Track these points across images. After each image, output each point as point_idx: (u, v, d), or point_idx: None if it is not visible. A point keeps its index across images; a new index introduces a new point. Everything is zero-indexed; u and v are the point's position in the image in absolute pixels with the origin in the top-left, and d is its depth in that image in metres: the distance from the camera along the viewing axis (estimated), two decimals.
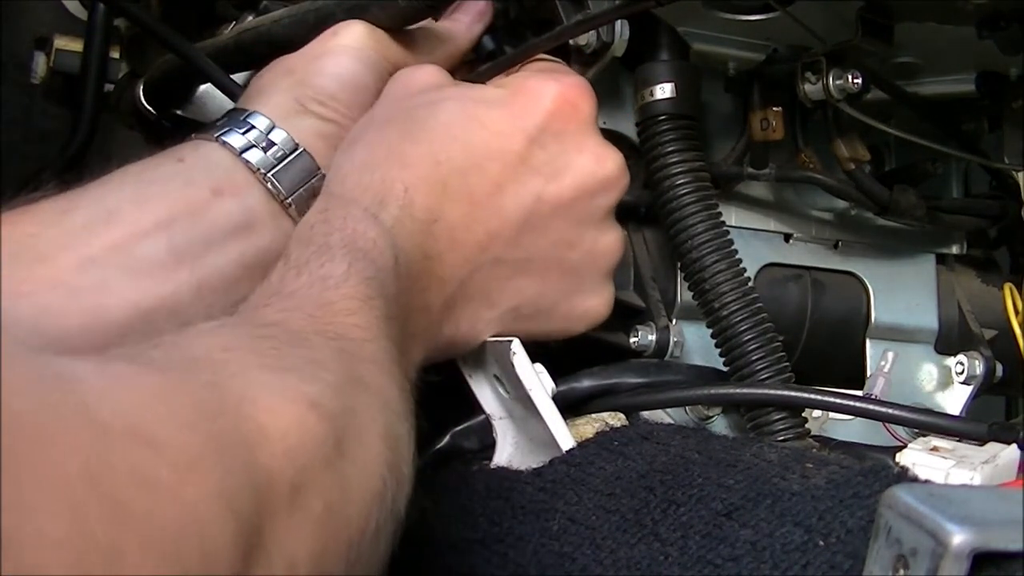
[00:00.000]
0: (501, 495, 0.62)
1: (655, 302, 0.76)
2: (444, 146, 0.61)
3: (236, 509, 0.36)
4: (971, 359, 0.85)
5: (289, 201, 0.62)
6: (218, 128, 0.64)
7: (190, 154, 0.63)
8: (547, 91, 0.64)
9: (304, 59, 0.67)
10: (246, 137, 0.63)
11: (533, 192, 0.62)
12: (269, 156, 0.63)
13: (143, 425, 0.35)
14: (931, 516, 0.38)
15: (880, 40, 0.71)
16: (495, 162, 0.61)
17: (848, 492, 0.49)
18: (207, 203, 0.61)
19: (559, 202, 0.63)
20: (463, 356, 0.66)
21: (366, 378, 0.48)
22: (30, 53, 0.92)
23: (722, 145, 0.81)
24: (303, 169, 0.63)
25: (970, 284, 0.89)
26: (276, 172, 0.62)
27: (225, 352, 0.43)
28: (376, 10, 0.68)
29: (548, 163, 0.63)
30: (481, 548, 0.61)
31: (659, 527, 0.53)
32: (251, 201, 0.62)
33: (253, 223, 0.62)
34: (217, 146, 0.63)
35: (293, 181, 0.63)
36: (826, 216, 0.84)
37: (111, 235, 0.58)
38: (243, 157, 0.62)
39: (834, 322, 0.83)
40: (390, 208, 0.58)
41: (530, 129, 0.62)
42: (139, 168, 0.62)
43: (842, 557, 0.46)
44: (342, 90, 0.66)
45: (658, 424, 0.68)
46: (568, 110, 0.64)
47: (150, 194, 0.60)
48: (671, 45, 0.74)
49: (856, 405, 0.68)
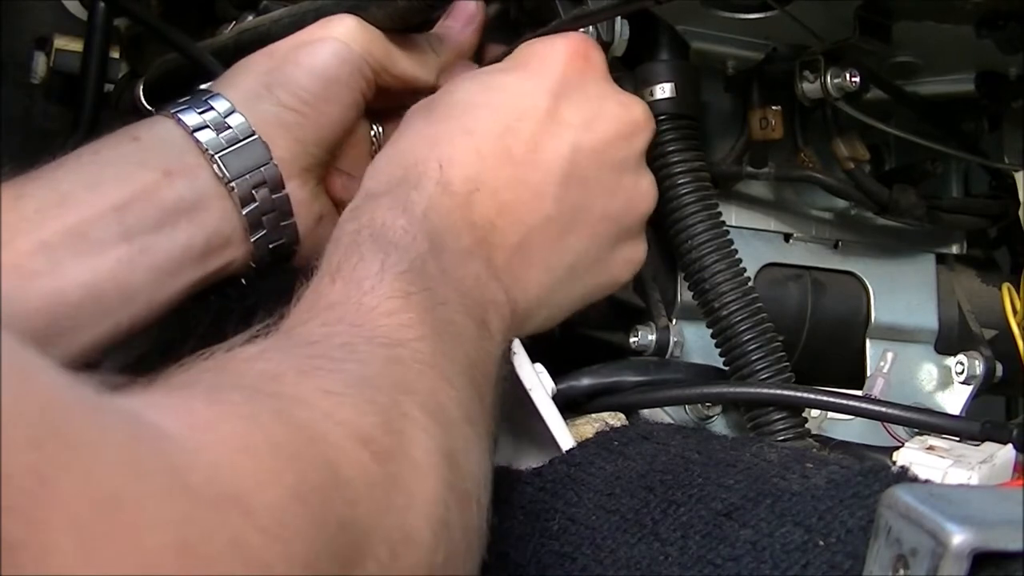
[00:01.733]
0: (501, 495, 0.62)
1: (655, 302, 0.76)
2: (471, 115, 0.61)
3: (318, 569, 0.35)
4: (971, 359, 0.85)
5: (232, 185, 0.63)
6: (177, 105, 0.64)
7: (145, 132, 0.64)
8: (556, 48, 0.64)
9: (285, 46, 0.67)
10: (202, 117, 0.63)
11: (570, 143, 0.62)
12: (221, 138, 0.63)
13: (233, 488, 0.34)
14: (931, 516, 0.38)
15: (878, 39, 0.71)
16: (525, 121, 0.61)
17: (848, 492, 0.49)
18: (158, 184, 0.61)
19: (596, 149, 0.63)
20: None
21: (418, 387, 0.47)
22: (30, 53, 0.92)
23: (721, 144, 0.81)
24: (253, 156, 0.64)
25: (970, 284, 0.89)
26: (225, 155, 0.63)
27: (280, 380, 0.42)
28: (375, 9, 0.68)
29: (577, 114, 0.63)
30: None
31: (659, 527, 0.53)
32: (200, 183, 0.62)
33: (202, 204, 0.62)
34: (172, 124, 0.63)
35: (240, 166, 0.63)
36: (826, 216, 0.84)
37: (65, 219, 0.59)
38: (194, 136, 0.63)
39: (834, 322, 0.83)
40: (426, 188, 0.58)
41: (551, 85, 0.63)
42: (94, 148, 0.63)
43: (842, 557, 0.46)
44: (312, 81, 0.66)
45: (658, 424, 0.68)
46: (581, 63, 0.64)
47: (104, 177, 0.61)
48: (671, 45, 0.74)
49: (855, 405, 0.68)
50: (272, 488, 0.35)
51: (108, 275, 0.59)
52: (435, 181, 0.58)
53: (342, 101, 0.67)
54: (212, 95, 0.65)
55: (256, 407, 0.39)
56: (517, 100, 0.62)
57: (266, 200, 0.64)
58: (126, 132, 0.64)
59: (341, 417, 0.41)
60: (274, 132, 0.65)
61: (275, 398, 0.41)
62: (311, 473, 0.37)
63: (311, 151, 0.66)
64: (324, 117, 0.66)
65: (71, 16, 0.92)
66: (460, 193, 0.59)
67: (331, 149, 0.68)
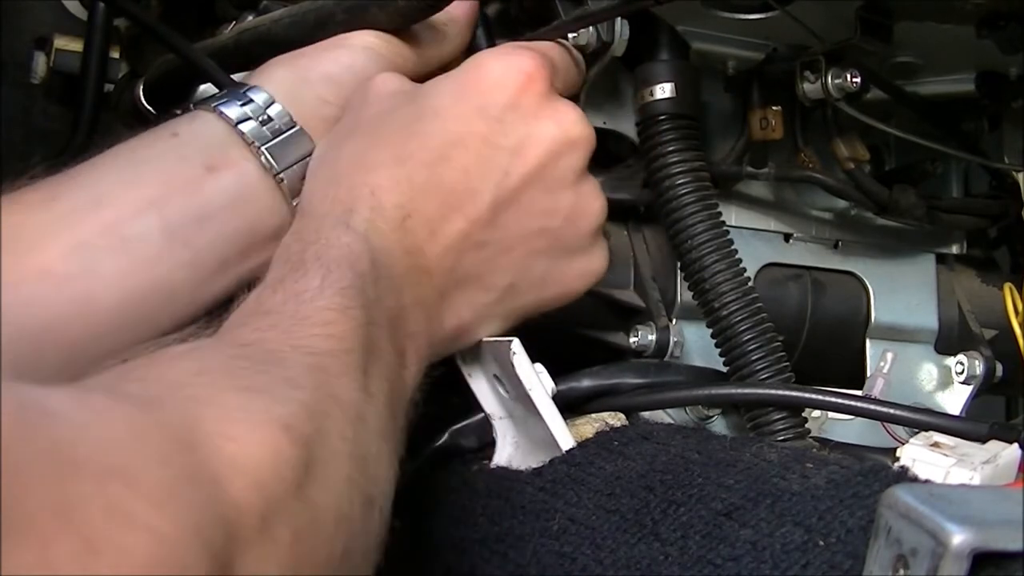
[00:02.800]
0: (501, 495, 0.62)
1: (655, 302, 0.76)
2: (405, 144, 0.61)
3: (209, 543, 0.36)
4: (971, 359, 0.85)
5: (281, 176, 0.62)
6: (217, 99, 0.63)
7: (185, 128, 0.63)
8: (496, 68, 0.63)
9: (315, 49, 0.67)
10: (243, 109, 0.63)
11: (500, 168, 0.62)
12: (265, 130, 0.62)
13: (118, 461, 0.35)
14: (931, 516, 0.38)
15: (879, 39, 0.71)
16: (457, 148, 0.61)
17: (848, 492, 0.49)
18: (201, 179, 0.60)
19: (528, 173, 0.62)
20: (462, 355, 0.66)
21: (340, 394, 0.47)
22: (30, 53, 0.91)
23: (722, 144, 0.81)
24: (299, 146, 0.63)
25: (970, 284, 0.89)
26: (271, 146, 0.62)
27: (199, 376, 0.43)
28: (375, 10, 0.68)
29: (509, 137, 0.62)
30: (481, 548, 0.61)
31: (659, 527, 0.53)
32: (246, 175, 0.61)
33: (248, 198, 0.61)
34: (213, 117, 0.62)
35: (287, 156, 0.62)
36: (826, 216, 0.84)
37: (101, 218, 0.57)
38: (238, 128, 0.62)
39: (834, 322, 0.83)
40: (360, 212, 0.58)
41: (486, 108, 0.62)
42: (131, 146, 0.62)
43: (842, 557, 0.46)
44: (348, 76, 0.65)
45: (658, 424, 0.68)
46: (521, 80, 0.63)
47: (141, 173, 0.60)
48: (671, 45, 0.74)
49: (855, 405, 0.68)
50: (161, 468, 0.36)
51: (147, 275, 0.58)
52: (368, 207, 0.58)
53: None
54: (250, 88, 0.64)
55: (163, 404, 0.40)
56: (450, 126, 0.61)
57: None
58: (164, 128, 0.63)
59: (256, 408, 0.42)
60: (315, 124, 0.64)
61: (184, 390, 0.41)
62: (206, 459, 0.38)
63: None
64: None
65: (71, 16, 0.92)
66: (394, 219, 0.59)
67: None
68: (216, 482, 0.38)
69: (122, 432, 0.37)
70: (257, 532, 0.39)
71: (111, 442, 0.36)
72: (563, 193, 0.64)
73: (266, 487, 0.39)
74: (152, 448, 0.37)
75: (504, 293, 0.63)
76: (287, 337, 0.48)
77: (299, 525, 0.41)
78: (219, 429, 0.40)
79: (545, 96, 0.63)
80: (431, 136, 0.61)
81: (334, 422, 0.45)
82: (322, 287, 0.52)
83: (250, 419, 0.41)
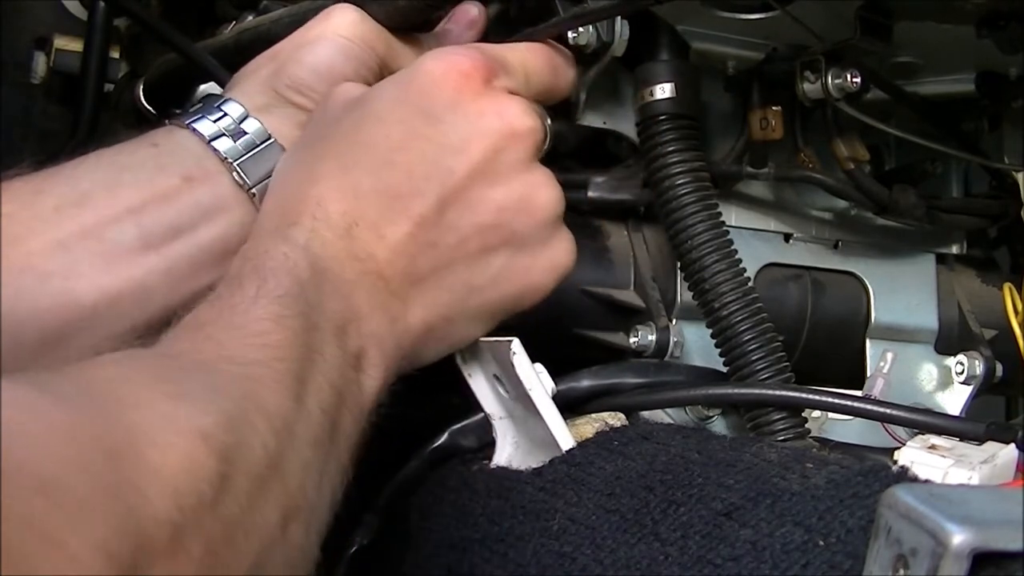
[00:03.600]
0: (501, 495, 0.62)
1: (655, 302, 0.76)
2: (349, 152, 0.61)
3: (116, 557, 0.36)
4: (971, 359, 0.85)
5: (254, 191, 0.64)
6: (191, 115, 0.65)
7: (163, 139, 0.64)
8: (434, 68, 0.63)
9: (289, 45, 0.68)
10: (217, 125, 0.64)
11: (445, 168, 0.61)
12: (238, 145, 0.64)
13: (43, 470, 0.36)
14: (931, 516, 0.38)
15: (879, 39, 0.71)
16: (401, 152, 0.61)
17: (848, 492, 0.49)
18: (177, 190, 0.62)
19: (472, 169, 0.62)
20: (462, 355, 0.67)
21: (267, 404, 0.47)
22: (30, 53, 0.92)
23: (721, 144, 0.81)
24: (271, 159, 0.64)
25: (970, 284, 0.89)
26: (243, 161, 0.64)
27: (127, 383, 0.43)
28: (375, 8, 0.68)
29: (451, 136, 0.62)
30: (481, 548, 0.61)
31: (659, 527, 0.53)
32: (220, 188, 0.63)
33: (222, 210, 0.63)
34: (189, 132, 0.64)
35: (260, 170, 0.64)
36: (826, 216, 0.84)
37: (82, 219, 0.60)
38: (212, 145, 0.64)
39: (834, 322, 0.83)
40: (304, 224, 0.58)
41: (427, 109, 0.62)
42: (113, 152, 0.63)
43: (842, 557, 0.46)
44: (319, 81, 0.66)
45: (658, 424, 0.68)
46: (459, 79, 0.62)
47: (122, 180, 0.62)
48: (671, 45, 0.74)
49: (855, 405, 0.68)
50: (85, 477, 0.37)
51: (124, 278, 0.60)
52: (312, 216, 0.59)
53: None
54: (224, 100, 0.66)
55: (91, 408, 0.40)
56: (393, 131, 0.61)
57: None
58: (145, 139, 0.65)
59: (179, 415, 0.42)
60: (291, 134, 0.66)
61: (114, 394, 0.42)
62: (126, 467, 0.38)
63: None
64: None
65: (71, 16, 0.92)
66: (340, 226, 0.59)
67: None
68: (137, 491, 0.38)
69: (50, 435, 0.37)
70: (169, 544, 0.39)
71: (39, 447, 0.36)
72: (511, 185, 0.63)
73: (182, 498, 0.40)
74: (76, 454, 0.37)
75: (465, 291, 0.63)
76: (219, 348, 0.49)
77: (212, 538, 0.41)
78: (144, 434, 0.40)
79: (484, 93, 0.63)
80: (374, 142, 0.61)
81: (256, 433, 0.45)
82: (256, 297, 0.52)
83: (173, 427, 0.41)
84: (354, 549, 0.67)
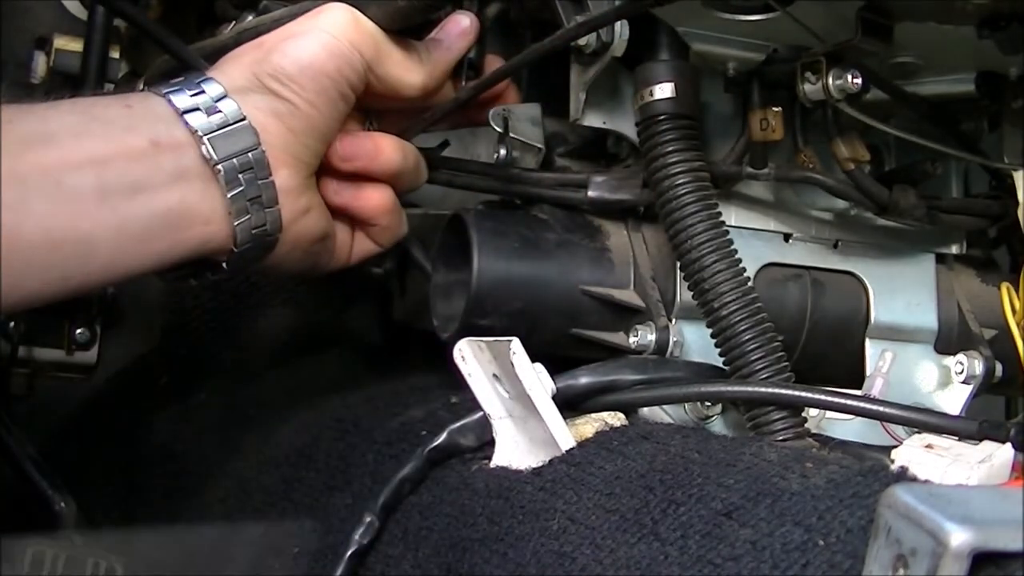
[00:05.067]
0: (501, 495, 0.62)
1: (655, 302, 0.76)
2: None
3: None
4: (971, 359, 0.85)
5: (219, 168, 0.64)
6: (170, 86, 0.66)
7: (137, 103, 0.65)
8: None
9: (277, 36, 0.69)
10: (194, 100, 0.65)
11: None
12: (211, 120, 0.65)
13: None
14: (931, 516, 0.38)
15: (880, 40, 0.71)
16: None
17: (848, 492, 0.49)
18: (143, 152, 0.63)
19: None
20: (462, 355, 0.67)
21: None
22: (30, 53, 0.92)
23: (721, 145, 0.81)
24: (241, 140, 0.65)
25: (970, 284, 0.89)
26: (213, 137, 0.64)
27: None
28: (374, 9, 0.68)
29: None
30: (481, 548, 0.61)
31: (659, 527, 0.54)
32: (185, 160, 0.64)
33: (183, 179, 0.64)
34: (164, 101, 0.65)
35: (228, 149, 0.65)
36: (826, 216, 0.84)
37: (44, 158, 0.60)
38: (184, 118, 0.64)
39: (834, 322, 0.83)
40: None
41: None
42: (88, 103, 0.65)
43: (842, 557, 0.46)
44: (300, 73, 0.67)
45: (658, 424, 0.68)
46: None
47: (91, 129, 0.62)
48: (671, 45, 0.74)
49: (852, 404, 0.68)
50: None
51: (72, 226, 0.60)
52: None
53: (329, 93, 0.68)
54: (205, 79, 0.67)
55: None
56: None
57: (251, 184, 0.65)
58: (120, 98, 0.66)
59: None
60: (267, 120, 0.66)
61: None
62: None
63: (303, 141, 0.68)
64: (314, 108, 0.68)
65: (71, 16, 0.92)
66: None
67: (323, 140, 0.69)
68: None
69: None
70: None
71: None
72: None
73: None
74: None
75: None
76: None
77: None
78: None
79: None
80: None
81: None
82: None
83: None
84: (354, 549, 0.67)
